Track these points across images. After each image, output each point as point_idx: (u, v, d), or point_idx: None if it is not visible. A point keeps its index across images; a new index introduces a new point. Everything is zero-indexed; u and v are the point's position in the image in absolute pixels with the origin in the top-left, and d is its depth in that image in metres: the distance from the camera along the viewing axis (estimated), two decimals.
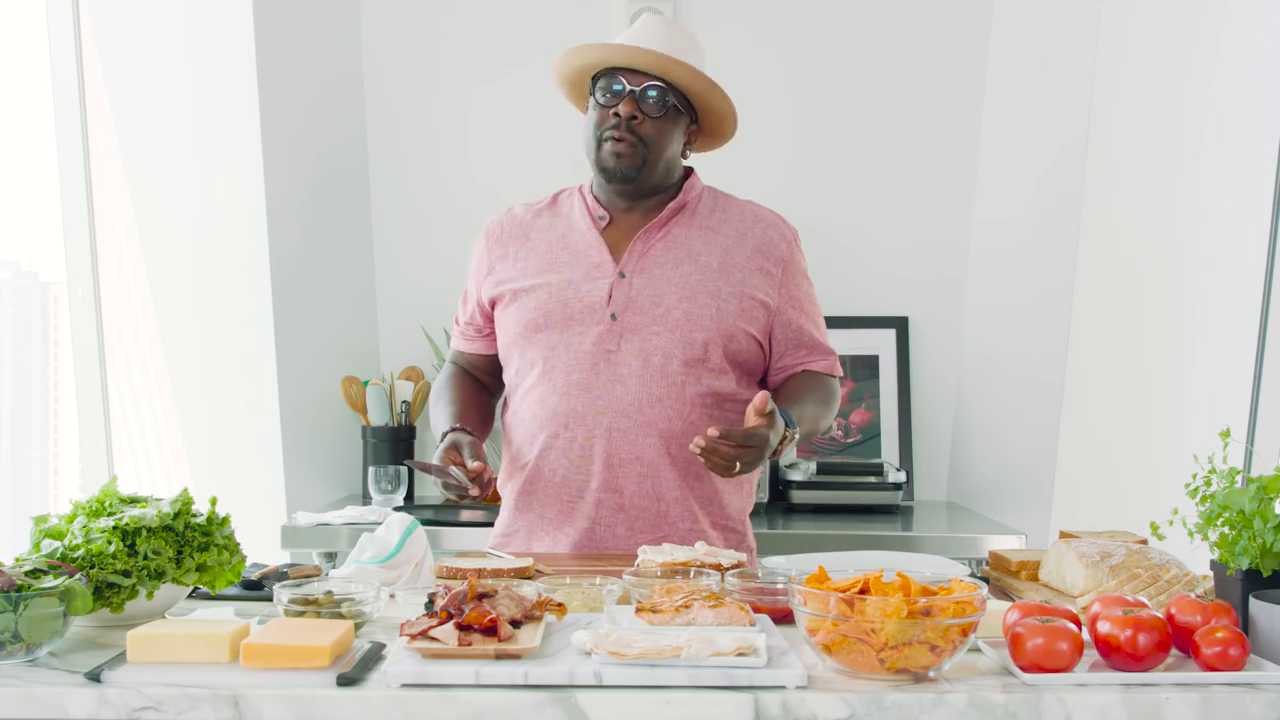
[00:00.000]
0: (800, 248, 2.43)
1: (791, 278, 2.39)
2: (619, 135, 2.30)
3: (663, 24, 2.34)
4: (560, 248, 2.37)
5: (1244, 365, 2.99)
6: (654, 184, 2.35)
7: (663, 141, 2.32)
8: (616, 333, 2.28)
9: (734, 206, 2.42)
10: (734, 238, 2.36)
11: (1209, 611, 1.55)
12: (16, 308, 3.69)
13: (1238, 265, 3.05)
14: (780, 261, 2.37)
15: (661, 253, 2.33)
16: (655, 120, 2.30)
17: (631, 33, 2.34)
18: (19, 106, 3.62)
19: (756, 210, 2.43)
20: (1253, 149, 2.98)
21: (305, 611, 1.67)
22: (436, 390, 2.46)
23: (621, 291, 2.30)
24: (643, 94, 2.29)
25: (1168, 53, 3.25)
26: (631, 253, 2.33)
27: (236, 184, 3.44)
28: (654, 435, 2.26)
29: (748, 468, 2.09)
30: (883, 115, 3.62)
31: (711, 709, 1.41)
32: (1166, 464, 3.05)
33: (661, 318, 2.28)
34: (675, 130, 2.34)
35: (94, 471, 3.50)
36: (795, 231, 2.44)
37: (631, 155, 2.30)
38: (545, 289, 2.33)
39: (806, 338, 2.39)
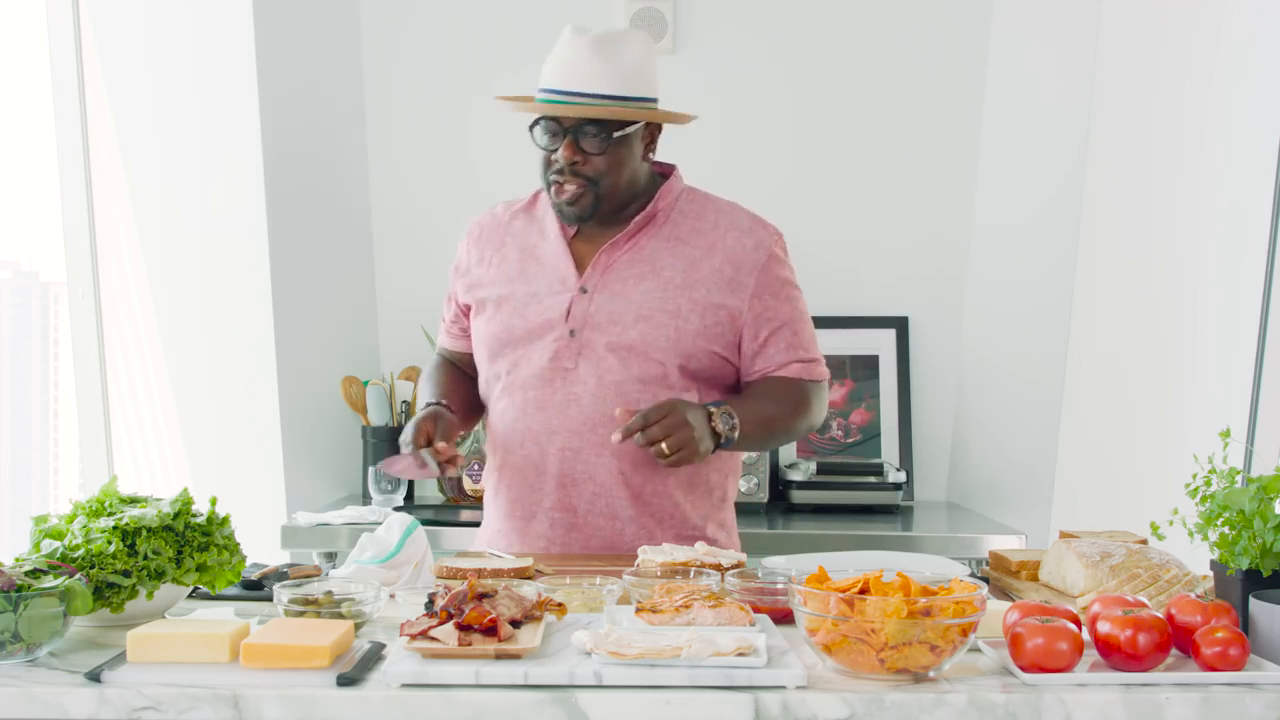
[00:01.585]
0: (782, 251, 2.33)
1: (768, 284, 2.27)
2: (564, 180, 2.21)
3: (590, 47, 2.17)
4: (530, 257, 2.32)
5: (1244, 365, 2.99)
6: (616, 207, 2.26)
7: (614, 171, 2.21)
8: (574, 350, 2.23)
9: (710, 213, 2.31)
10: (703, 249, 2.27)
11: (1209, 611, 1.55)
12: (16, 308, 3.69)
13: (1238, 265, 3.05)
14: (754, 269, 2.27)
15: (626, 266, 2.26)
16: (599, 156, 2.20)
17: (555, 63, 2.20)
18: (19, 106, 3.62)
19: (735, 216, 2.33)
20: (1253, 149, 2.98)
21: (305, 611, 1.67)
22: (424, 375, 2.45)
23: (581, 307, 2.24)
24: (580, 132, 2.18)
25: (1168, 53, 3.25)
26: (595, 266, 2.26)
27: (236, 184, 3.44)
28: (607, 455, 2.22)
29: (683, 446, 2.06)
30: (883, 115, 3.62)
31: (711, 709, 1.41)
32: (1166, 464, 3.05)
33: (618, 336, 2.22)
34: (626, 151, 2.22)
35: (94, 471, 3.50)
36: (776, 235, 2.33)
37: (582, 198, 2.21)
38: (510, 302, 2.29)
39: (780, 343, 2.28)
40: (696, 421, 2.09)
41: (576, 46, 2.18)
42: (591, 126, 2.17)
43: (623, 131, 2.19)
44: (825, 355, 2.50)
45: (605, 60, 2.16)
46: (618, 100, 2.16)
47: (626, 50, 2.19)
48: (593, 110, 2.16)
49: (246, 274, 3.44)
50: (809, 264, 3.62)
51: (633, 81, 2.18)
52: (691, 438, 2.07)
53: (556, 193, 2.22)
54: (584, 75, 2.16)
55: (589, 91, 2.16)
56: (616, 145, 2.20)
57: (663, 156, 3.60)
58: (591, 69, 2.16)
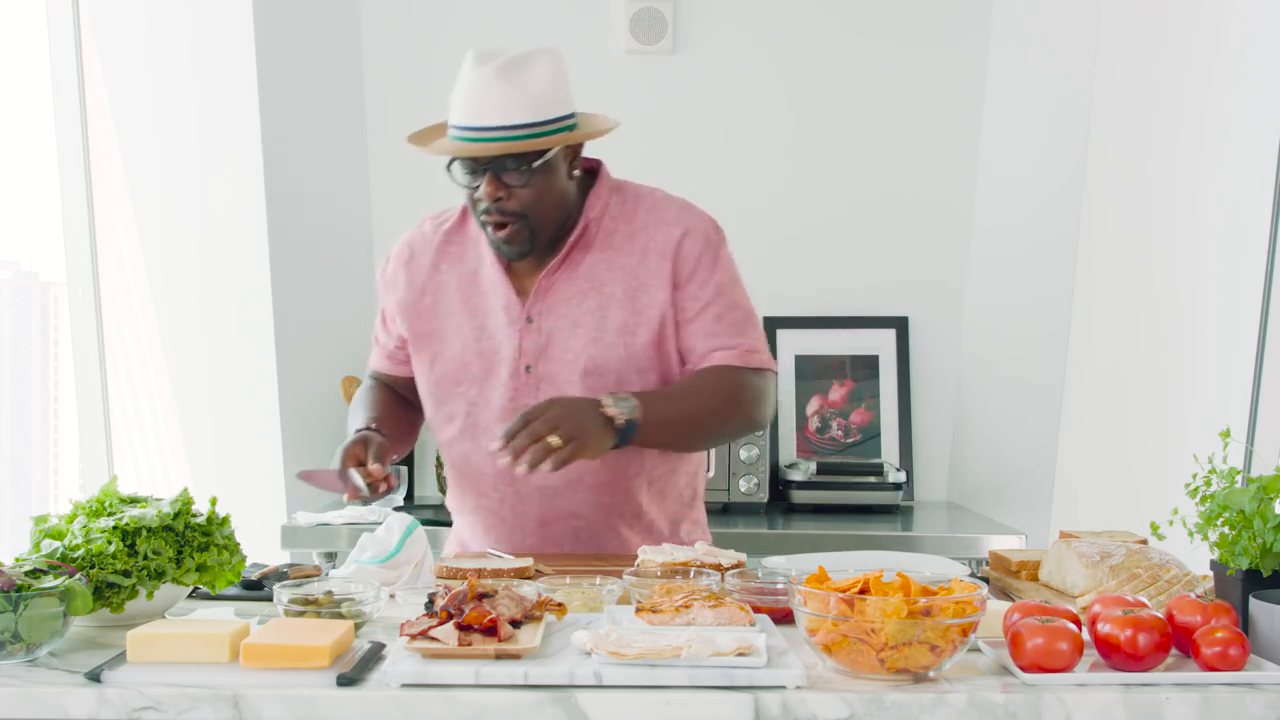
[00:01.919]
0: (712, 234, 2.21)
1: (694, 272, 2.17)
2: (494, 221, 2.10)
3: (495, 75, 2.04)
4: (471, 285, 2.22)
5: (1244, 365, 2.99)
6: (553, 232, 2.16)
7: (542, 200, 2.10)
8: (532, 384, 2.16)
9: (641, 212, 2.21)
10: (637, 255, 2.17)
11: (1209, 611, 1.55)
12: (16, 308, 3.69)
13: (1238, 265, 3.05)
14: (683, 259, 2.17)
15: (567, 287, 2.17)
16: (524, 188, 2.08)
17: (462, 96, 2.07)
18: (19, 106, 3.62)
19: (661, 211, 2.22)
20: (1253, 150, 2.98)
21: (305, 611, 1.67)
22: (356, 399, 2.32)
23: (531, 339, 2.17)
24: (499, 166, 2.06)
25: (1168, 53, 3.25)
26: (537, 293, 2.17)
27: (236, 184, 3.44)
28: (583, 490, 2.18)
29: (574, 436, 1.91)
30: (882, 115, 3.62)
31: (711, 709, 1.41)
32: (1166, 464, 3.05)
33: (571, 364, 2.15)
34: (550, 177, 2.11)
35: (94, 471, 3.50)
36: (703, 222, 2.21)
37: (516, 235, 2.11)
38: (459, 337, 2.21)
39: (700, 330, 2.17)
40: (582, 409, 1.97)
41: (481, 77, 2.05)
42: (510, 160, 2.05)
43: (543, 159, 2.07)
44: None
45: (512, 88, 2.04)
46: (531, 128, 2.04)
47: (533, 73, 2.06)
48: (506, 146, 2.03)
49: (246, 274, 3.44)
50: (809, 264, 3.65)
51: (544, 105, 2.07)
52: (580, 425, 1.94)
53: (492, 231, 2.12)
54: (492, 107, 2.04)
55: (499, 124, 2.03)
56: (539, 173, 2.08)
57: (662, 156, 3.63)
58: (499, 99, 2.04)
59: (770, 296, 3.64)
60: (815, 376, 3.63)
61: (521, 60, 2.06)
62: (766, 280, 3.64)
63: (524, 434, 1.91)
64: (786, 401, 3.61)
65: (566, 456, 1.92)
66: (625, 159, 3.59)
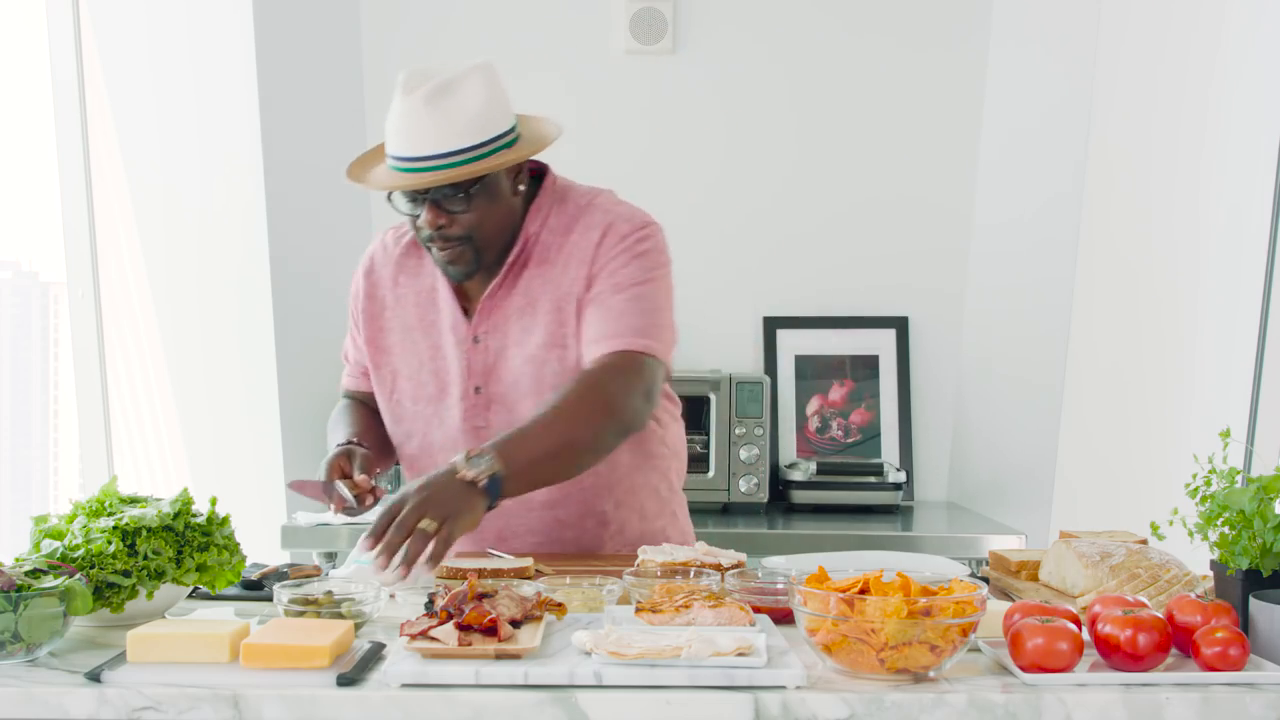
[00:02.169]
0: (633, 232, 2.12)
1: (602, 270, 2.10)
2: (438, 246, 2.07)
3: (423, 104, 1.99)
4: (428, 303, 2.20)
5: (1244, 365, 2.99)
6: (500, 250, 2.12)
7: (485, 222, 2.07)
8: (482, 405, 2.14)
9: (577, 222, 2.15)
10: (561, 265, 2.13)
11: (1209, 611, 1.55)
12: (16, 308, 3.69)
13: (1238, 265, 3.05)
14: (597, 260, 2.10)
15: (508, 305, 2.14)
16: (465, 213, 2.05)
17: (394, 126, 2.03)
18: (19, 106, 3.62)
19: (589, 215, 2.15)
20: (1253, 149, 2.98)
21: (305, 611, 1.67)
22: (333, 417, 2.30)
23: (479, 359, 2.14)
24: (439, 193, 2.03)
25: (1168, 53, 3.25)
26: (481, 312, 2.14)
27: (236, 184, 3.44)
28: (536, 509, 2.17)
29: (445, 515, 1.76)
30: (883, 115, 3.62)
31: (711, 709, 1.41)
32: (1166, 464, 3.05)
33: (515, 384, 2.12)
34: (492, 197, 2.07)
35: (94, 471, 3.50)
36: (630, 220, 2.14)
37: (461, 257, 2.08)
38: (415, 356, 2.20)
39: (591, 328, 2.08)
40: (442, 483, 1.81)
41: (410, 106, 2.00)
42: (448, 187, 2.02)
43: (480, 184, 2.04)
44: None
45: (442, 114, 1.99)
46: (465, 154, 2.00)
47: (463, 96, 2.01)
48: (441, 176, 1.99)
49: (246, 274, 3.44)
50: (809, 264, 3.65)
51: (477, 128, 2.01)
52: (446, 500, 1.78)
53: (439, 256, 2.09)
54: (424, 136, 1.99)
55: (432, 154, 1.99)
56: (480, 197, 2.05)
57: (662, 156, 3.63)
58: (430, 128, 1.99)
59: (770, 296, 3.66)
60: (815, 376, 3.63)
61: (450, 84, 2.01)
62: (766, 280, 3.66)
63: (393, 530, 1.73)
64: (786, 401, 3.61)
65: (445, 537, 1.75)
66: (625, 159, 3.63)
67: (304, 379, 3.53)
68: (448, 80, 2.01)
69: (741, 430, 3.37)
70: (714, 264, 3.64)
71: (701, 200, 3.64)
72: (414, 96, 2.00)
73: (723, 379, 3.39)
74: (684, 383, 3.39)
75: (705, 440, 3.38)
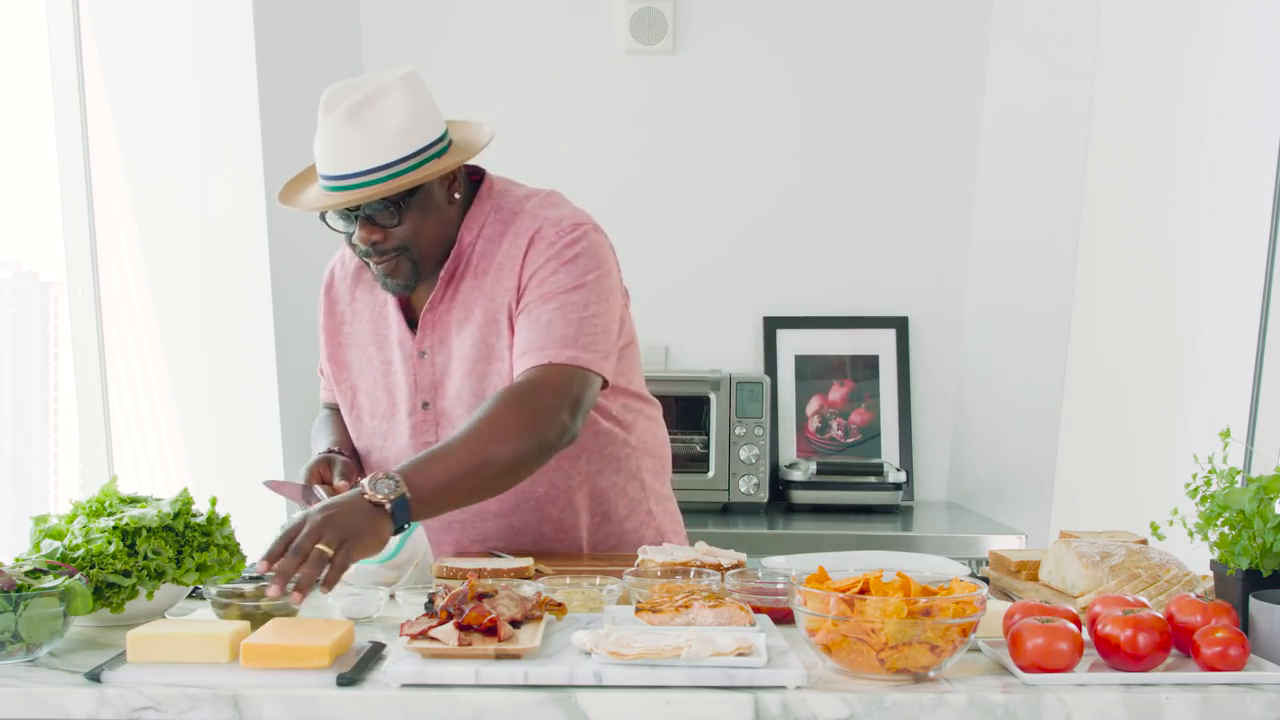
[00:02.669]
0: (561, 236, 2.06)
1: (531, 278, 2.05)
2: (374, 261, 2.05)
3: (344, 122, 1.96)
4: (380, 318, 2.19)
5: (1244, 365, 2.99)
6: (439, 260, 2.10)
7: (420, 234, 2.04)
8: (430, 422, 2.13)
9: (500, 230, 2.11)
10: (494, 275, 2.09)
11: (1209, 611, 1.55)
12: (16, 308, 3.69)
13: (1238, 265, 3.06)
14: (525, 268, 2.06)
15: (449, 316, 2.11)
16: (397, 227, 2.02)
17: (319, 145, 2.00)
18: (19, 106, 3.62)
19: (518, 221, 2.10)
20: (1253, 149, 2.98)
21: (230, 604, 1.68)
22: (316, 426, 2.30)
23: (425, 374, 2.13)
24: (369, 208, 2.00)
25: (1168, 53, 3.25)
26: (424, 326, 2.12)
27: (236, 184, 3.44)
28: (490, 519, 2.17)
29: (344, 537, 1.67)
30: (883, 115, 3.62)
31: (711, 709, 1.41)
32: (1166, 464, 3.05)
33: (457, 399, 2.10)
34: (426, 207, 2.04)
35: (94, 471, 3.50)
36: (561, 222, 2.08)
37: (398, 270, 2.06)
38: (371, 371, 2.18)
39: (521, 342, 2.04)
40: (344, 507, 1.72)
41: (332, 124, 1.97)
42: (378, 202, 1.99)
43: (412, 196, 2.01)
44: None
45: (364, 130, 1.96)
46: (391, 168, 1.96)
47: (384, 110, 1.97)
48: (368, 193, 1.96)
49: (246, 274, 3.44)
50: (809, 264, 3.65)
51: (401, 140, 1.97)
52: (346, 524, 1.69)
53: (376, 270, 2.07)
54: (347, 154, 1.96)
55: (357, 171, 1.96)
56: (412, 209, 2.02)
57: (662, 156, 3.63)
58: (352, 145, 1.96)
59: (770, 296, 3.66)
60: (815, 376, 3.63)
61: (371, 98, 1.97)
62: (766, 280, 3.66)
63: (289, 553, 1.64)
64: (786, 401, 3.61)
65: (341, 562, 1.66)
66: (625, 159, 3.63)
67: (304, 379, 3.52)
68: (368, 94, 1.97)
69: (741, 430, 3.37)
70: (714, 264, 3.64)
71: (701, 200, 3.64)
72: (335, 114, 1.97)
73: (723, 379, 3.39)
74: (684, 383, 3.39)
75: (705, 440, 3.38)
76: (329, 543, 1.65)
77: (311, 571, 1.62)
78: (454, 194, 2.09)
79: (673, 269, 3.61)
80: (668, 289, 3.61)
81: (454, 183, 2.09)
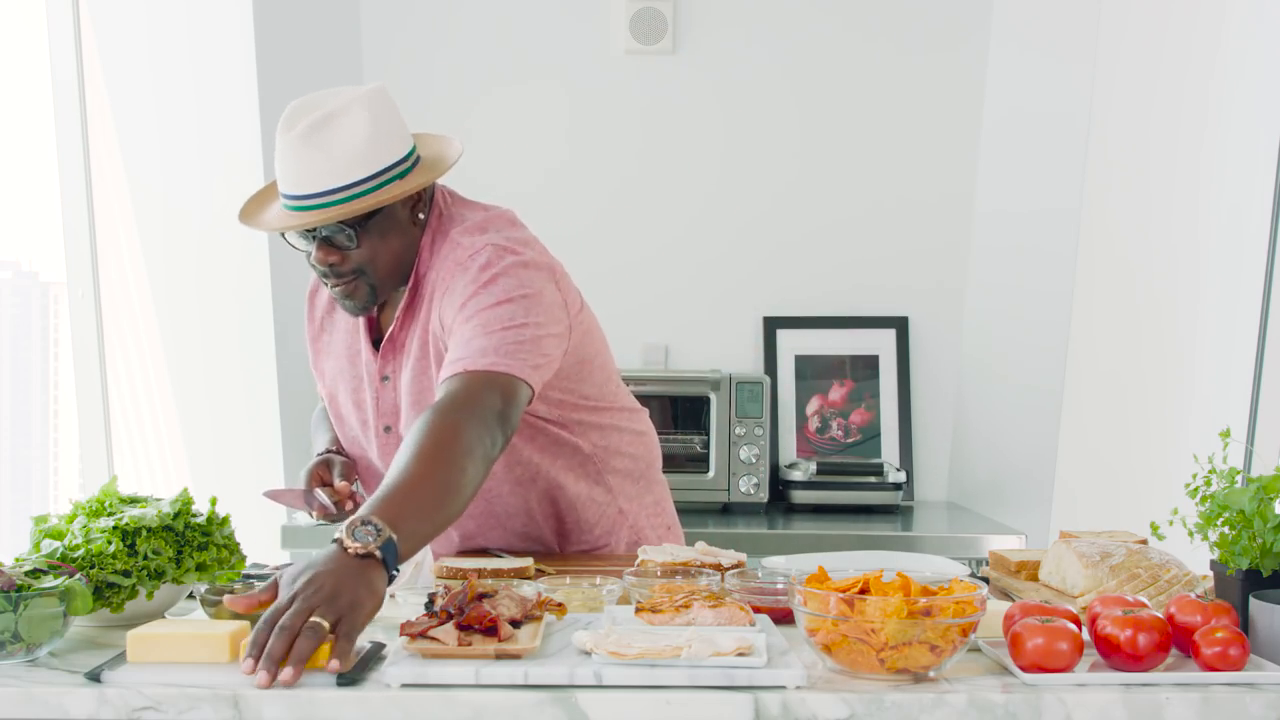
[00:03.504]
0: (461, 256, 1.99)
1: (451, 305, 1.97)
2: (331, 282, 2.01)
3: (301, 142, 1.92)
4: (355, 333, 2.15)
5: (1244, 365, 2.99)
6: (399, 282, 2.05)
7: (378, 256, 1.99)
8: (393, 445, 2.10)
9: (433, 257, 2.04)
10: (428, 303, 2.04)
11: (1209, 611, 1.55)
12: (16, 308, 3.69)
13: (1238, 266, 3.06)
14: (451, 292, 1.99)
15: (407, 342, 2.07)
16: (356, 249, 1.97)
17: (278, 164, 1.97)
18: (19, 106, 3.62)
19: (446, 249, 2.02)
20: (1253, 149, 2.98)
21: (219, 602, 1.68)
22: (314, 422, 2.29)
23: (387, 398, 2.10)
24: (326, 230, 1.96)
25: (1168, 53, 3.25)
26: (385, 352, 2.10)
27: (236, 184, 3.44)
28: (459, 541, 2.18)
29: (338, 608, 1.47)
30: (883, 116, 3.62)
31: (711, 709, 1.41)
32: (1166, 464, 3.05)
33: (409, 426, 2.05)
34: (385, 229, 1.99)
35: (94, 471, 3.50)
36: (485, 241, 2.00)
37: (356, 293, 2.01)
38: (344, 387, 2.16)
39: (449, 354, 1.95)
40: (326, 567, 1.52)
41: (289, 143, 1.93)
42: (334, 225, 1.94)
43: (370, 219, 1.97)
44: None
45: (321, 152, 1.92)
46: (348, 190, 1.92)
47: (343, 131, 1.93)
48: (325, 215, 1.91)
49: (246, 274, 3.44)
50: (809, 264, 3.65)
51: (361, 162, 1.92)
52: (337, 585, 1.50)
53: (335, 292, 2.03)
54: (304, 175, 1.92)
55: (314, 192, 1.92)
56: (370, 231, 1.97)
57: (662, 157, 3.63)
58: (309, 166, 1.92)
59: (770, 296, 3.66)
60: (815, 376, 3.63)
61: (329, 118, 1.92)
62: (766, 280, 3.66)
63: (274, 634, 1.44)
64: (786, 401, 3.61)
65: (350, 633, 1.48)
66: (625, 159, 3.63)
67: (304, 379, 3.51)
68: (327, 114, 1.93)
69: (741, 430, 3.37)
70: (714, 264, 3.64)
71: (701, 200, 3.64)
72: (292, 133, 1.92)
73: (723, 379, 3.40)
74: (684, 383, 3.39)
75: (705, 440, 3.38)
76: (325, 615, 1.46)
77: (306, 645, 1.43)
78: (418, 214, 2.04)
79: (673, 269, 3.62)
80: (668, 289, 3.61)
81: (418, 203, 2.03)
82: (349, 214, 1.92)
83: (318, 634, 1.44)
